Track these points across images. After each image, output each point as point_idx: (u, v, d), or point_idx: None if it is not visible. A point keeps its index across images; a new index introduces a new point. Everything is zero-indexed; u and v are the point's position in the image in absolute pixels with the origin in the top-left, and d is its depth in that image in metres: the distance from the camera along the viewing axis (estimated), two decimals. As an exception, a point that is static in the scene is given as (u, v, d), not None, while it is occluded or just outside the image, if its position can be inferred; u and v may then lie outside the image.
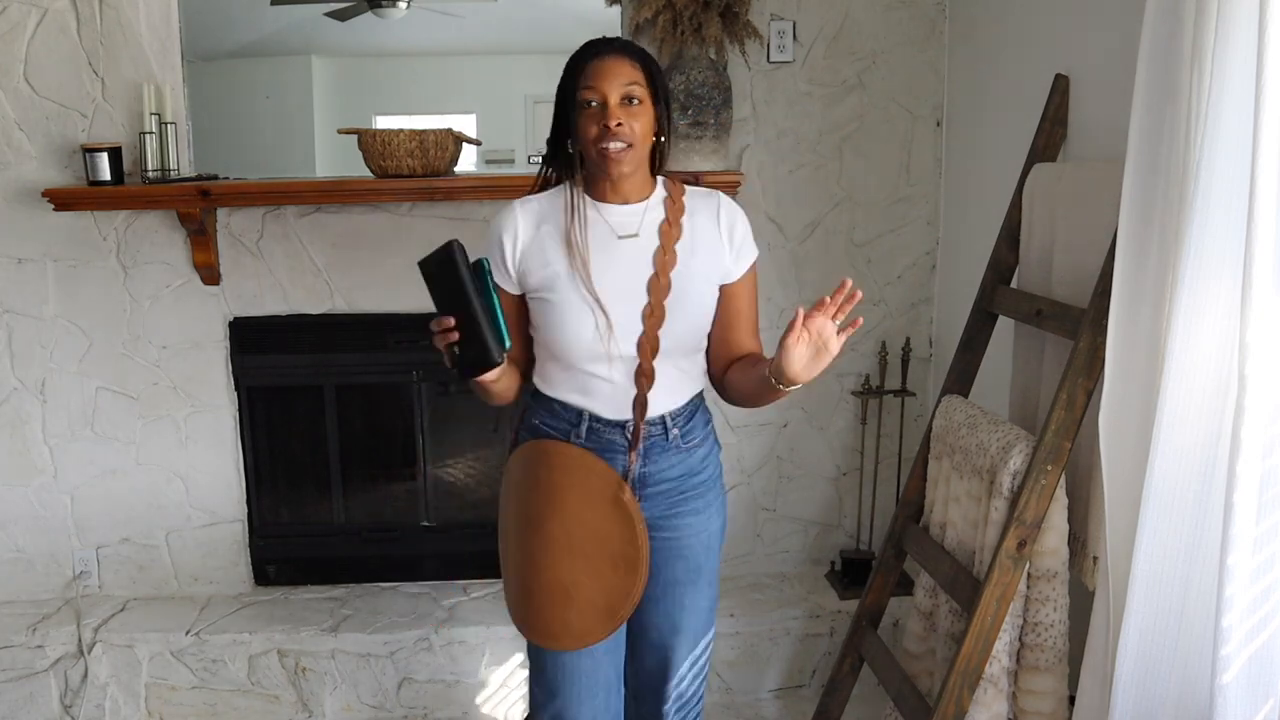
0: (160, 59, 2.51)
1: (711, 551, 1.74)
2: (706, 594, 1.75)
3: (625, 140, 1.50)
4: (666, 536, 1.67)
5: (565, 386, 1.61)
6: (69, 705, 2.55)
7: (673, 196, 1.61)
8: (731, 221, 1.62)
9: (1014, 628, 1.84)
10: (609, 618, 1.61)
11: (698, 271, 1.59)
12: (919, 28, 2.66)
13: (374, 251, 2.66)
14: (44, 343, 2.64)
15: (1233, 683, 1.32)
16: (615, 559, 1.59)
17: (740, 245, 1.62)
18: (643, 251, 1.57)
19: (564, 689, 1.69)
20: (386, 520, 2.86)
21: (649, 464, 1.63)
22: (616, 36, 1.61)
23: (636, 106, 1.52)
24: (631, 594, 1.60)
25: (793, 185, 2.70)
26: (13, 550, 2.73)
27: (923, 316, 2.81)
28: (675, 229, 1.58)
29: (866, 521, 2.86)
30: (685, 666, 1.76)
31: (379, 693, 2.58)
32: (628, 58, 1.53)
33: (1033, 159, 2.09)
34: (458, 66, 3.36)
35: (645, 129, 1.53)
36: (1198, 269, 1.37)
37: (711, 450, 1.73)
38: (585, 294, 1.53)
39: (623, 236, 1.57)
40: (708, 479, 1.71)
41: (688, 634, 1.74)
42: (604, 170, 1.53)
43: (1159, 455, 1.44)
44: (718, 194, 1.66)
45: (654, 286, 1.55)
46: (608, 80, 1.50)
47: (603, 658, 1.69)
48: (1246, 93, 1.28)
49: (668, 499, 1.66)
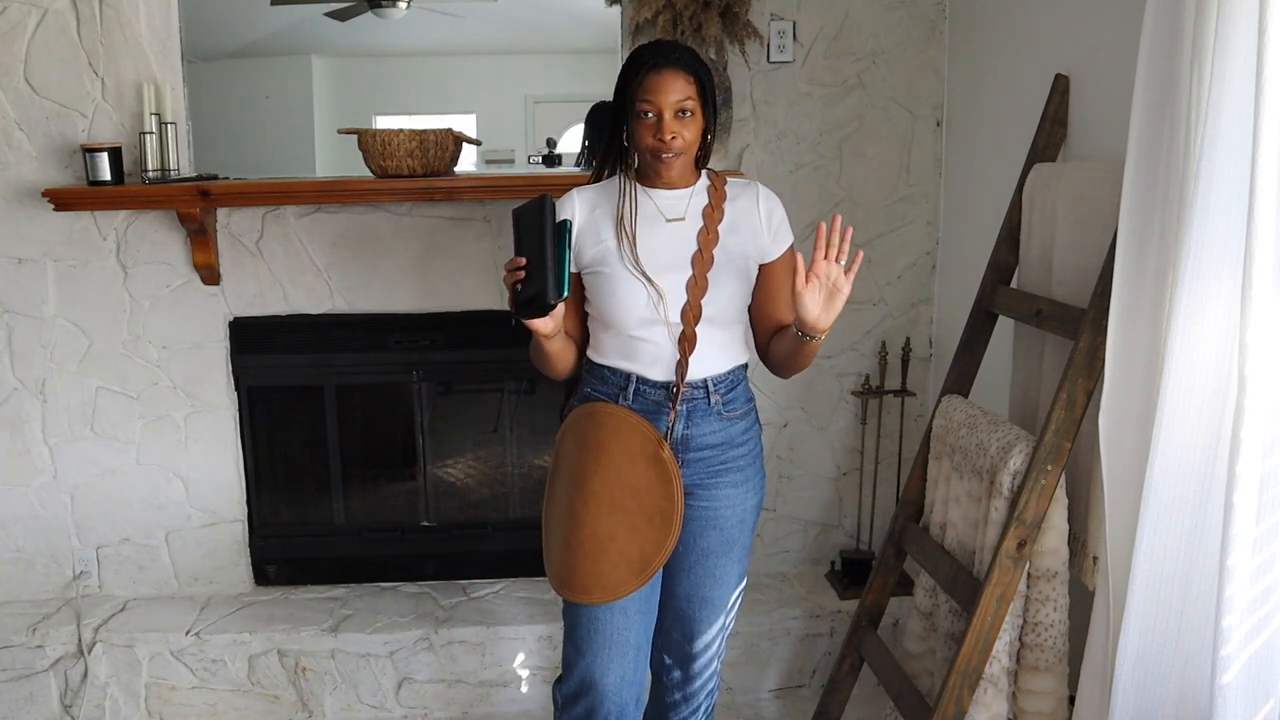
0: (160, 59, 2.51)
1: (746, 526, 1.82)
2: (736, 569, 1.83)
3: (677, 150, 1.66)
4: (704, 505, 1.76)
5: (615, 353, 1.73)
6: (69, 705, 2.55)
7: (715, 184, 1.76)
8: (770, 207, 1.76)
9: (1014, 628, 1.84)
10: (640, 570, 1.70)
11: (737, 250, 1.72)
12: (919, 28, 2.66)
13: (374, 251, 2.66)
14: (44, 343, 2.64)
15: (1233, 683, 1.32)
16: (651, 513, 1.69)
17: (778, 228, 1.76)
18: (688, 231, 1.72)
19: (593, 647, 1.77)
20: (386, 520, 2.86)
21: (691, 426, 1.73)
22: (673, 45, 1.68)
23: (688, 118, 1.65)
24: (664, 547, 1.69)
25: (793, 185, 2.70)
26: (13, 550, 2.73)
27: (923, 316, 2.81)
28: (718, 212, 1.73)
29: (866, 521, 2.86)
30: (712, 638, 1.85)
31: (379, 693, 2.58)
32: (683, 71, 1.64)
33: (1033, 159, 2.09)
34: (458, 66, 3.36)
35: (695, 135, 1.68)
36: (1198, 269, 1.37)
37: (753, 426, 1.82)
38: (631, 267, 1.68)
39: (670, 220, 1.72)
40: (748, 454, 1.79)
41: (716, 605, 1.83)
42: (655, 170, 1.69)
43: (1159, 455, 1.44)
44: (756, 183, 1.80)
45: (698, 260, 1.70)
46: (663, 95, 1.63)
47: (635, 618, 1.77)
48: (1246, 93, 1.28)
49: (708, 466, 1.75)
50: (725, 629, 1.88)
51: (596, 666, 1.77)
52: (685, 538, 1.76)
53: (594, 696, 1.78)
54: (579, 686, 1.80)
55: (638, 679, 1.81)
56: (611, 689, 1.77)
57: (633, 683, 1.80)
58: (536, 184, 2.44)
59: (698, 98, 1.64)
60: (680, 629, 1.85)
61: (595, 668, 1.77)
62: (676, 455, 1.71)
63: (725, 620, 1.86)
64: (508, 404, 2.86)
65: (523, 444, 2.85)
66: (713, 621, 1.84)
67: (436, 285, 2.68)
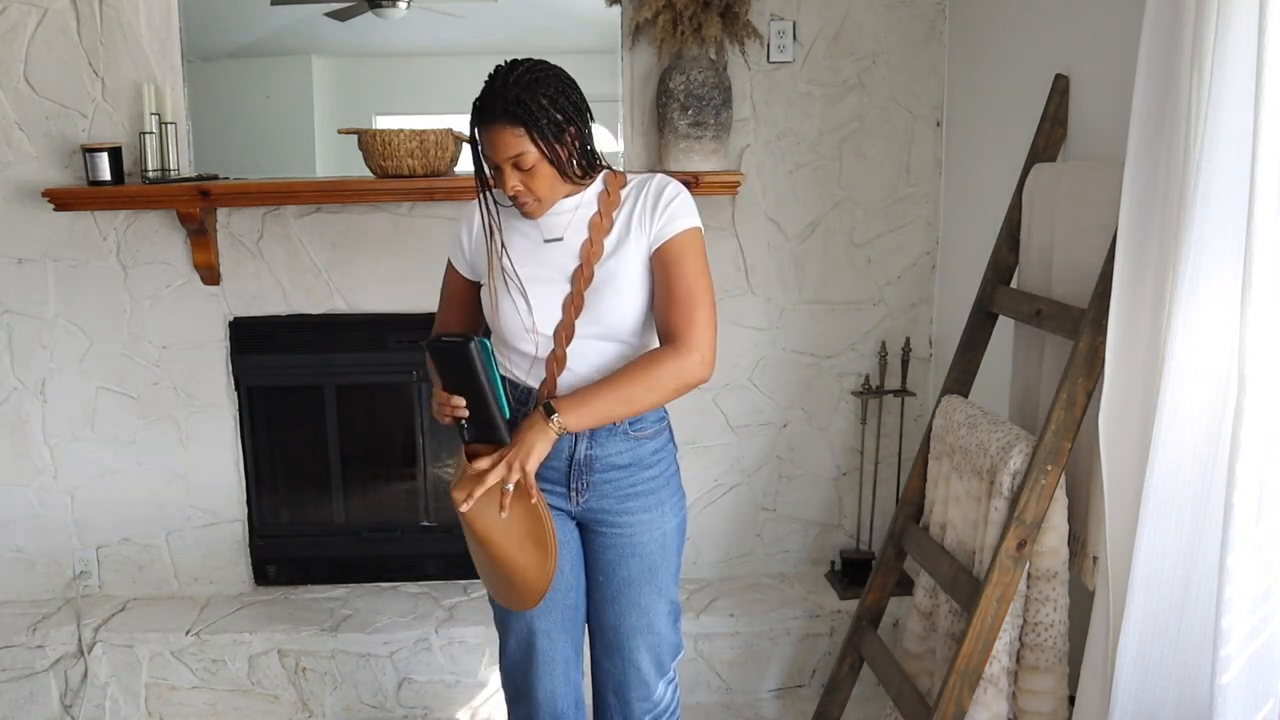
0: (160, 59, 2.52)
1: (668, 551, 1.73)
2: (665, 596, 1.75)
3: (528, 199, 1.58)
4: (619, 532, 1.69)
5: (508, 364, 1.68)
6: (69, 705, 2.55)
7: (609, 189, 1.64)
8: (658, 192, 1.62)
9: (1014, 628, 1.84)
10: (539, 594, 1.63)
11: (628, 257, 1.60)
12: (919, 28, 2.66)
13: (374, 251, 2.66)
14: (44, 343, 2.64)
15: (1233, 683, 1.32)
16: (522, 540, 1.58)
17: (663, 211, 1.60)
18: (569, 246, 1.62)
19: (523, 663, 1.79)
20: (386, 520, 2.86)
21: (595, 446, 1.65)
22: (496, 91, 1.52)
23: (529, 170, 1.54)
24: (546, 572, 1.61)
25: (793, 185, 2.70)
26: (13, 550, 2.73)
27: (923, 316, 2.81)
28: (605, 221, 1.61)
29: (866, 521, 2.86)
30: (648, 670, 1.76)
31: (379, 693, 2.58)
32: (507, 124, 1.51)
33: (1033, 159, 2.09)
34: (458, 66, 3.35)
35: (547, 179, 1.56)
36: (1198, 269, 1.37)
37: (665, 446, 1.73)
38: (505, 282, 1.62)
39: (548, 240, 1.63)
40: (660, 475, 1.71)
41: (648, 635, 1.75)
42: (522, 215, 1.62)
43: (1159, 455, 1.44)
44: (655, 175, 1.67)
45: (577, 277, 1.60)
46: (495, 152, 1.54)
47: (559, 637, 1.77)
48: (1246, 93, 1.28)
49: (618, 490, 1.68)
50: (668, 664, 1.79)
51: (528, 681, 1.79)
52: (604, 566, 1.71)
53: (531, 704, 1.81)
54: (515, 694, 1.83)
55: (571, 687, 1.81)
56: (545, 700, 1.79)
57: (566, 692, 1.80)
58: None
59: (535, 145, 1.51)
60: (611, 660, 1.77)
61: (527, 682, 1.79)
62: (580, 477, 1.66)
63: (667, 655, 1.78)
64: (508, 404, 2.86)
65: (523, 444, 2.85)
66: (645, 654, 1.75)
67: (436, 285, 2.67)
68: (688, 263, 1.59)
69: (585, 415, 1.54)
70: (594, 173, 1.64)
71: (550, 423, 1.52)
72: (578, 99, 1.58)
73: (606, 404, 1.55)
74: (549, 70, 1.55)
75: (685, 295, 1.58)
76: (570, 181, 1.60)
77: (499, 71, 1.54)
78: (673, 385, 1.56)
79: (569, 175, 1.58)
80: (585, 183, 1.64)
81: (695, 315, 1.57)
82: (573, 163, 1.58)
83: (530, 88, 1.51)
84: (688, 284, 1.58)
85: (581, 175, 1.61)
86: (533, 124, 1.51)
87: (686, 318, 1.57)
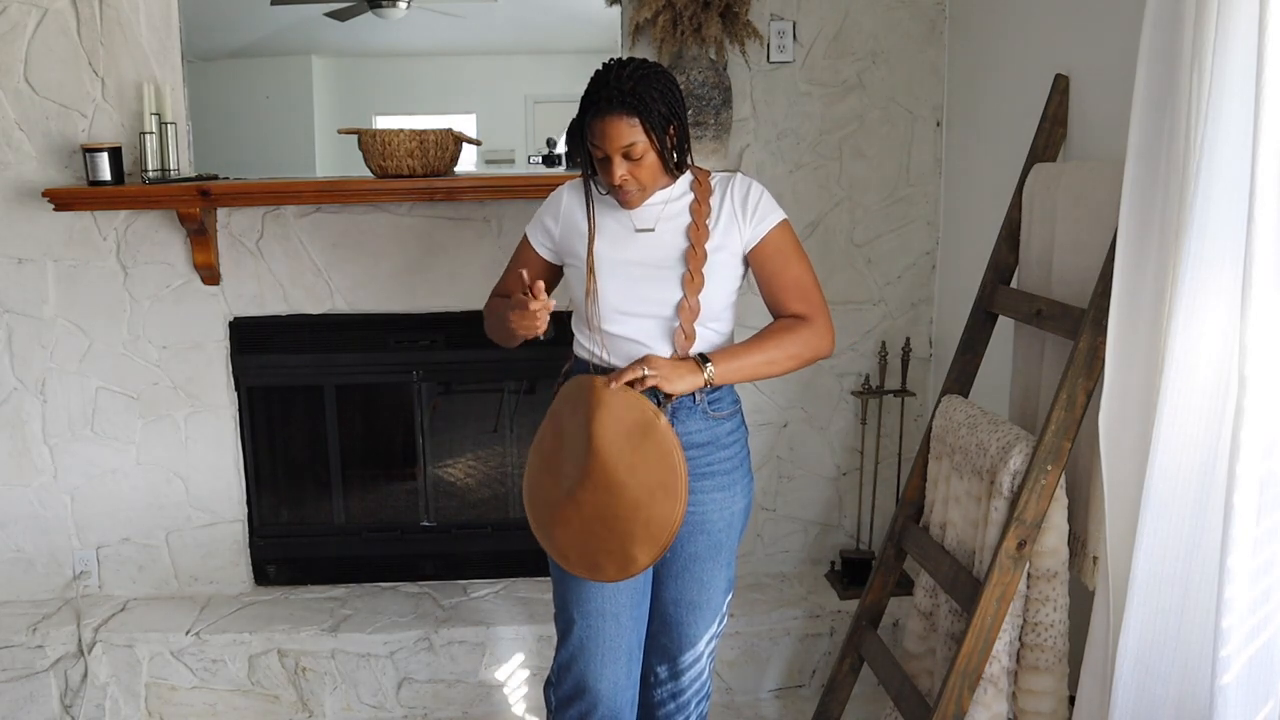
0: (160, 59, 2.51)
1: (733, 531, 1.81)
2: (724, 574, 1.83)
3: (632, 189, 1.67)
4: (690, 509, 1.73)
5: (585, 342, 1.75)
6: (69, 705, 2.55)
7: (699, 180, 1.76)
8: (744, 193, 1.74)
9: (1014, 628, 1.84)
10: (652, 545, 1.64)
11: (724, 246, 1.72)
12: (919, 28, 2.66)
13: (374, 251, 2.66)
14: (44, 343, 2.64)
15: (1232, 684, 1.32)
16: (654, 488, 1.63)
17: (753, 211, 1.73)
18: (660, 237, 1.71)
19: (587, 653, 1.78)
20: (386, 520, 2.86)
21: (676, 424, 1.70)
22: (613, 82, 1.61)
23: (638, 159, 1.63)
24: (673, 519, 1.64)
25: (793, 185, 2.70)
26: (13, 550, 2.73)
27: (923, 316, 2.81)
28: (705, 206, 1.73)
29: (866, 521, 2.86)
30: (702, 644, 1.85)
31: (379, 693, 2.58)
32: (623, 115, 1.60)
33: (1033, 159, 2.09)
34: (458, 66, 3.35)
35: (651, 169, 1.66)
36: (1198, 269, 1.37)
37: (739, 428, 1.81)
38: (601, 267, 1.70)
39: (639, 230, 1.72)
40: (734, 456, 1.79)
41: (704, 611, 1.82)
42: (620, 202, 1.70)
43: (1159, 455, 1.44)
44: (736, 174, 1.78)
45: (690, 257, 1.69)
46: (607, 141, 1.62)
47: (627, 623, 1.78)
48: (1246, 93, 1.28)
49: (694, 468, 1.72)
50: (715, 634, 1.87)
51: (590, 672, 1.78)
52: (672, 542, 1.74)
53: (589, 700, 1.79)
54: (574, 690, 1.81)
55: (631, 683, 1.82)
56: (606, 693, 1.78)
57: (626, 687, 1.81)
58: (537, 184, 2.44)
59: (646, 135, 1.61)
60: (668, 634, 1.85)
61: (589, 673, 1.78)
62: None
63: (715, 626, 1.86)
64: (507, 404, 2.86)
65: (523, 444, 2.85)
66: (701, 627, 1.84)
67: (436, 285, 2.68)
68: (790, 253, 1.74)
69: (732, 370, 1.69)
70: (682, 170, 1.73)
71: (704, 369, 1.65)
72: (681, 96, 1.69)
73: (752, 362, 1.70)
74: (657, 68, 1.66)
75: (796, 282, 1.74)
76: (668, 174, 1.71)
77: (611, 67, 1.63)
78: (809, 355, 1.73)
79: (669, 167, 1.69)
80: (675, 177, 1.74)
81: (813, 297, 1.75)
82: (673, 156, 1.69)
83: (644, 81, 1.61)
84: (795, 273, 1.74)
85: (677, 169, 1.71)
86: (646, 114, 1.61)
87: (806, 300, 1.74)
